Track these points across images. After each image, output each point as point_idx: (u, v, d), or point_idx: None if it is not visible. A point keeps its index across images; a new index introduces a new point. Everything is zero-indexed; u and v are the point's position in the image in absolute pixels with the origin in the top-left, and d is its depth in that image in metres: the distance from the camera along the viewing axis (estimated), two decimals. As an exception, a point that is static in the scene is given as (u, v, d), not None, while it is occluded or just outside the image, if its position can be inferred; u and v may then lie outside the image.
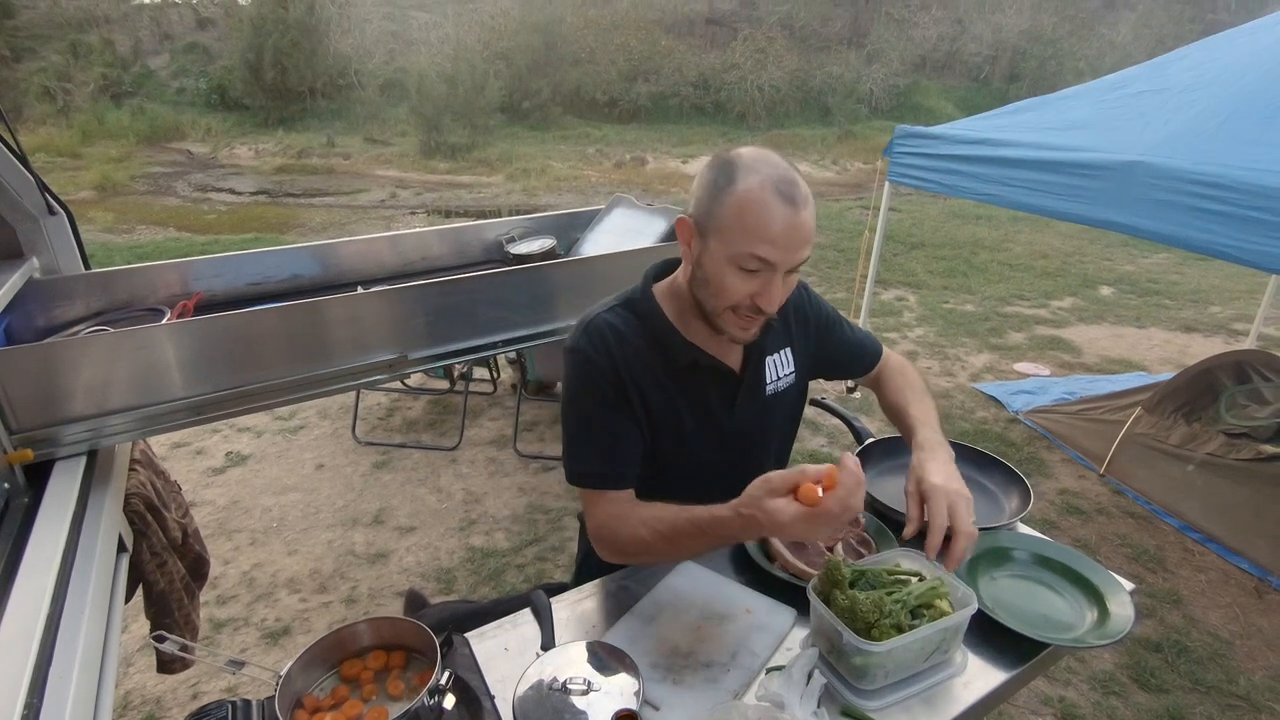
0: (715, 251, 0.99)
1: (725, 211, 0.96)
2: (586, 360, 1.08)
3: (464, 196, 10.81)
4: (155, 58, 16.61)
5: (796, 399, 1.28)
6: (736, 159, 0.98)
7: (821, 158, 13.81)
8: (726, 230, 0.96)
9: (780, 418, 1.25)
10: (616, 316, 1.11)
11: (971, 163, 3.25)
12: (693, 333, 1.11)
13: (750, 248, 0.95)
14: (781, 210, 0.93)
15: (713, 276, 1.00)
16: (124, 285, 1.82)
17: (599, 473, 1.09)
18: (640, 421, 1.10)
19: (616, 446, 1.09)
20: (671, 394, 1.11)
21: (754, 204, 0.94)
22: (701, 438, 1.16)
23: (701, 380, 1.13)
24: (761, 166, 0.96)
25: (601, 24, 17.44)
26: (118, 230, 8.41)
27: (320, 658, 0.90)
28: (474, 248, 2.36)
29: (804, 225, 0.95)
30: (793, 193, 0.94)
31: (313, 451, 3.50)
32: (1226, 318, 5.72)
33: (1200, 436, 3.03)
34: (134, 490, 1.52)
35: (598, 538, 1.09)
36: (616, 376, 1.07)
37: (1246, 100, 2.50)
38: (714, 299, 1.02)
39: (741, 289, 0.98)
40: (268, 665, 0.88)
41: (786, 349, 1.22)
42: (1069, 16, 18.44)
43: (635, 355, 1.09)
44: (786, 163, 0.99)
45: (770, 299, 0.98)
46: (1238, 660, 2.31)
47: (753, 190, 0.94)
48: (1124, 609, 1.01)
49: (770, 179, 0.94)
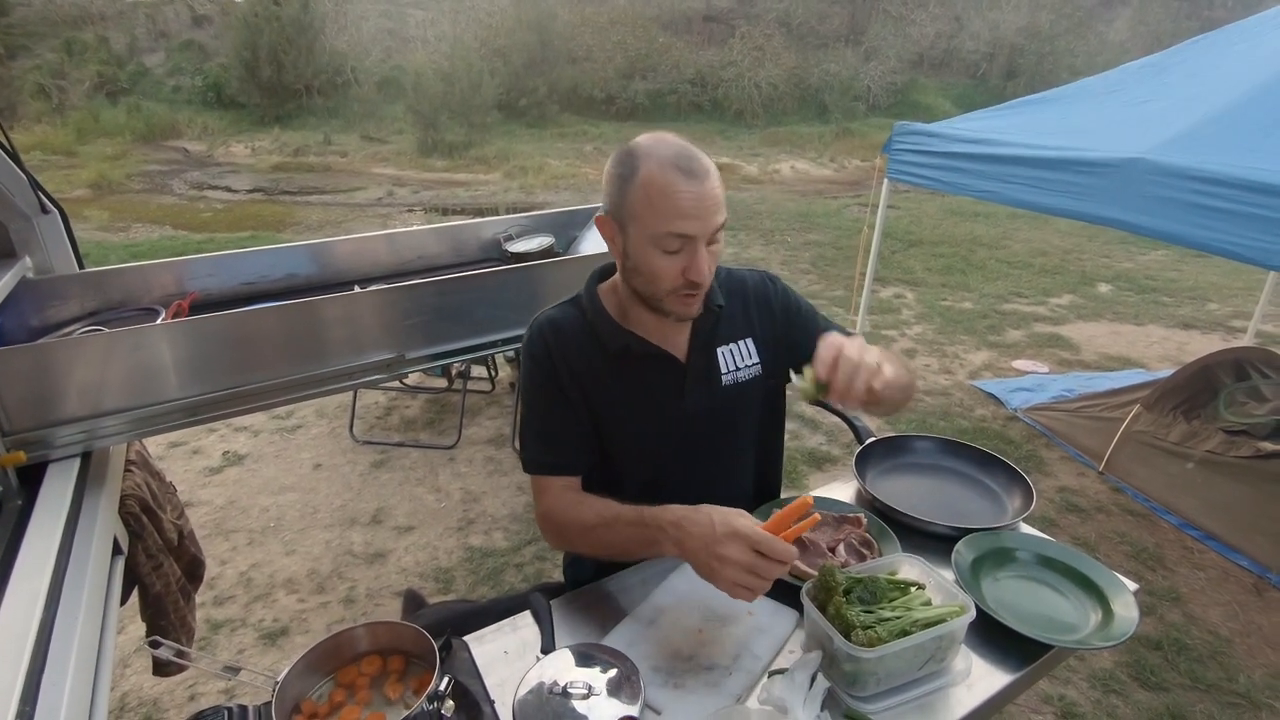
0: (636, 239, 1.02)
1: (634, 199, 1.00)
2: (528, 355, 1.16)
3: (461, 194, 10.79)
4: (151, 55, 16.54)
5: (767, 391, 1.25)
6: (635, 148, 1.02)
7: (819, 155, 13.80)
8: (640, 217, 1.00)
9: (747, 409, 1.23)
10: (559, 312, 1.18)
11: (971, 160, 3.24)
12: (633, 322, 1.14)
13: (666, 227, 0.98)
14: (685, 185, 0.97)
15: (641, 264, 1.04)
16: (118, 285, 1.80)
17: (544, 461, 1.14)
18: (580, 411, 1.14)
19: (559, 435, 1.14)
20: (611, 382, 1.14)
21: (658, 185, 0.97)
22: (650, 426, 1.16)
23: (641, 368, 1.14)
24: (658, 148, 1.00)
25: (598, 21, 17.39)
26: (113, 228, 8.38)
27: (317, 663, 0.88)
28: (471, 246, 2.34)
29: (710, 194, 0.99)
30: (691, 165, 0.98)
31: (310, 451, 3.49)
32: (1224, 315, 5.72)
33: (1199, 434, 3.02)
34: (129, 492, 1.51)
35: (543, 523, 1.14)
36: (553, 368, 1.13)
37: (1246, 110, 2.50)
38: (649, 285, 1.05)
39: (670, 268, 1.02)
40: (264, 668, 0.86)
41: (746, 339, 1.21)
42: (1066, 14, 18.43)
43: (572, 346, 1.13)
44: (683, 141, 1.02)
45: (699, 270, 1.01)
46: (1237, 658, 2.31)
47: (654, 172, 0.98)
48: (1128, 610, 1.00)
49: (668, 158, 0.98)
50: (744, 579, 0.86)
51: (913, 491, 1.31)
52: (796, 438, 3.60)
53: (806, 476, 3.28)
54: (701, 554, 0.89)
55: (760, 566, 0.86)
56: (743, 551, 0.86)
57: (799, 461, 3.39)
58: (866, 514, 1.18)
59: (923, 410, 3.93)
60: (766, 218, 8.98)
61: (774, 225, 8.58)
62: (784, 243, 7.80)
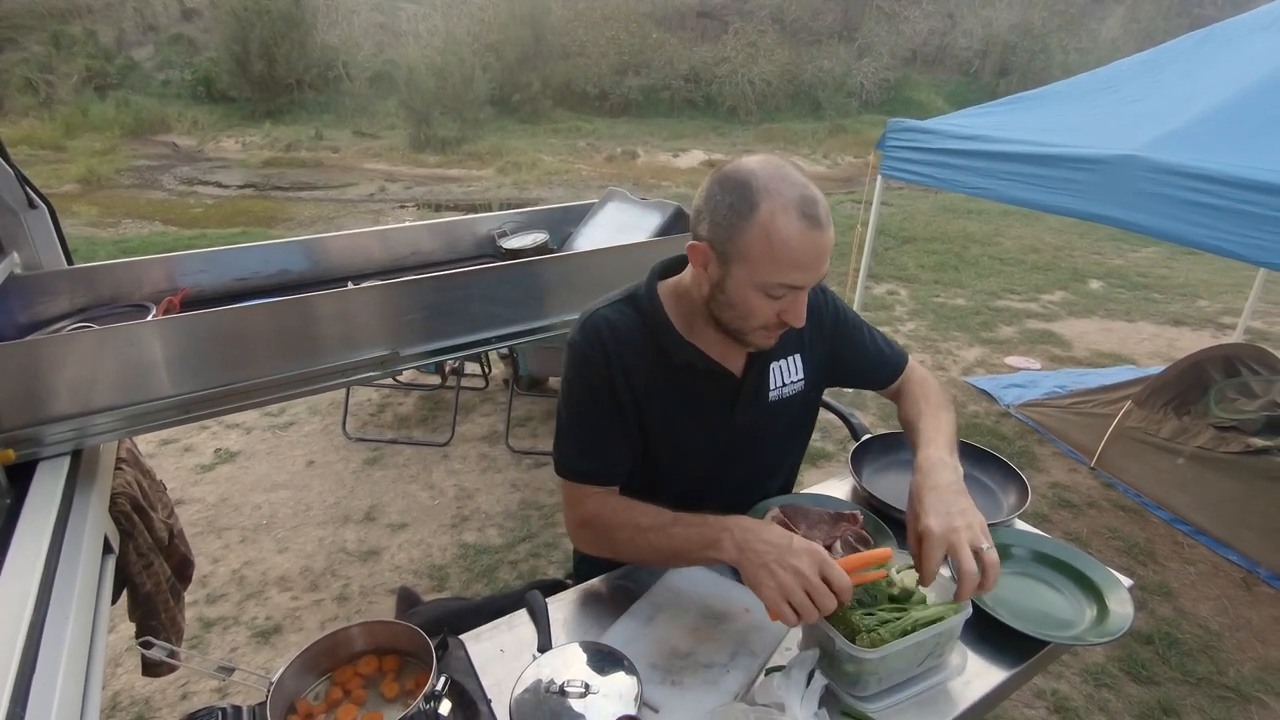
0: (740, 278, 0.95)
1: (750, 241, 0.92)
2: (582, 356, 1.08)
3: (454, 190, 10.74)
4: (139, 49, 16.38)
5: (805, 407, 1.25)
6: (752, 179, 0.92)
7: (813, 151, 13.81)
8: (753, 260, 0.93)
9: (785, 425, 1.23)
10: (617, 312, 1.10)
11: (964, 156, 3.24)
12: (696, 335, 1.09)
13: (780, 277, 0.93)
14: (810, 235, 0.91)
15: (738, 302, 0.98)
16: (108, 281, 1.78)
17: (583, 469, 1.11)
18: (630, 421, 1.10)
19: (603, 444, 1.10)
20: (666, 393, 1.10)
21: (781, 233, 0.90)
22: (698, 439, 1.14)
23: (699, 382, 1.11)
24: (781, 188, 0.91)
25: (591, 16, 17.33)
26: (102, 224, 8.30)
27: (313, 662, 0.88)
28: (465, 242, 2.33)
29: (829, 245, 0.94)
30: (817, 212, 0.91)
31: (303, 448, 3.47)
32: (1214, 311, 5.76)
33: (1190, 430, 3.04)
34: (120, 490, 1.50)
35: (581, 529, 1.11)
36: (609, 374, 1.07)
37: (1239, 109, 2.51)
38: (741, 321, 1.00)
39: (769, 310, 0.97)
40: (258, 668, 0.86)
41: (795, 355, 1.19)
42: (1058, 11, 18.49)
43: (631, 353, 1.07)
44: (802, 175, 0.95)
45: (799, 316, 0.98)
46: (1227, 652, 2.33)
47: (778, 217, 0.90)
48: (1123, 606, 1.01)
49: (793, 202, 0.90)
50: (800, 597, 0.84)
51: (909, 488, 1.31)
52: (790, 434, 3.60)
53: (802, 473, 3.26)
54: (769, 559, 0.86)
55: (820, 591, 0.84)
56: (813, 570, 0.84)
57: (793, 458, 3.39)
58: (863, 511, 1.18)
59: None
60: (760, 214, 8.98)
61: (768, 222, 8.58)
62: (778, 239, 7.80)
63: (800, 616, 0.84)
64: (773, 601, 0.85)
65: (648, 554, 1.04)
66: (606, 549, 1.09)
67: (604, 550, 1.10)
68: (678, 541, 0.98)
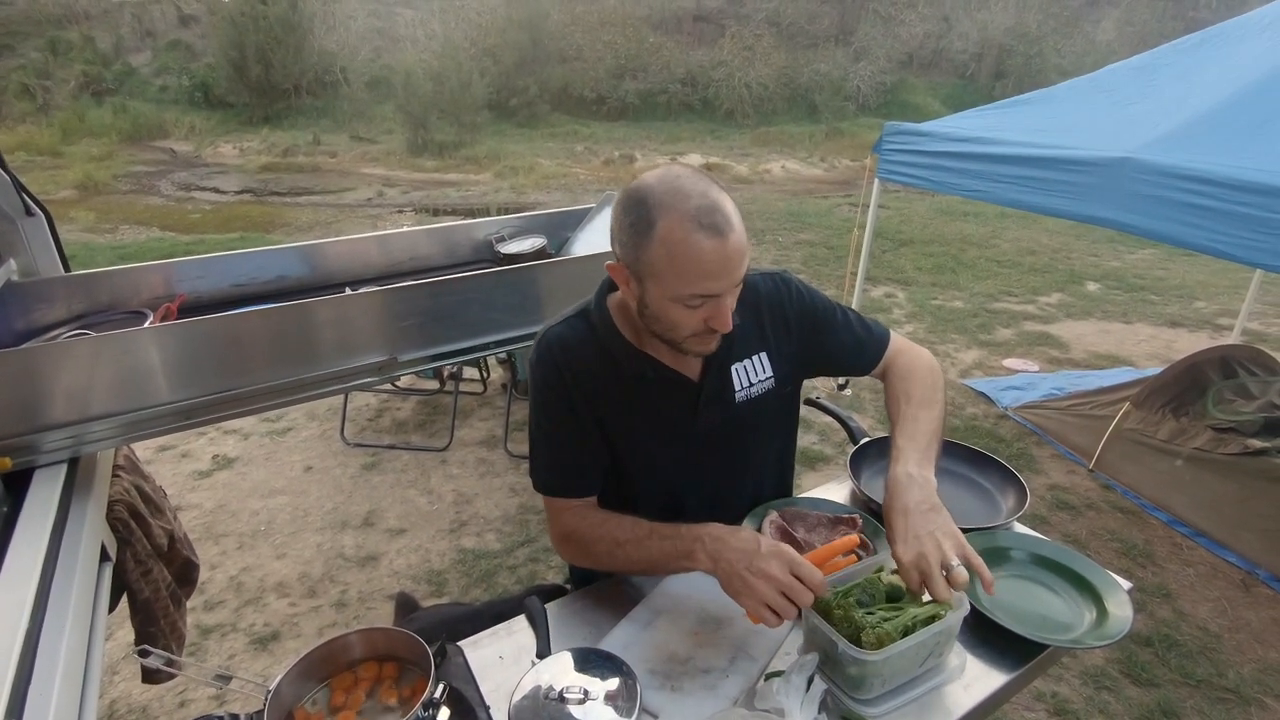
0: (655, 294, 0.95)
1: (653, 258, 0.91)
2: (539, 376, 1.10)
3: (451, 195, 10.75)
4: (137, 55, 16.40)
5: (782, 403, 1.23)
6: (649, 196, 0.91)
7: (809, 154, 13.84)
8: (661, 276, 0.92)
9: (761, 424, 1.21)
10: (569, 328, 1.11)
11: (960, 159, 3.25)
12: (648, 344, 1.09)
13: (689, 289, 0.92)
14: (710, 244, 0.89)
15: (661, 315, 0.98)
16: (105, 287, 1.77)
17: (556, 485, 1.13)
18: (593, 434, 1.10)
19: (571, 459, 1.12)
20: (624, 405, 1.10)
21: (681, 247, 0.89)
22: (664, 448, 1.14)
23: (656, 390, 1.10)
24: (676, 201, 0.90)
25: (589, 21, 17.38)
26: (100, 230, 8.30)
27: (311, 670, 0.88)
28: (463, 247, 2.33)
29: (735, 249, 0.91)
30: (715, 221, 0.89)
31: (301, 453, 3.47)
32: (1211, 313, 5.78)
33: (1188, 431, 3.05)
34: (117, 497, 1.49)
35: (563, 544, 1.13)
36: (565, 390, 1.08)
37: (1233, 111, 2.52)
38: (671, 332, 1.00)
39: (693, 320, 0.96)
40: (255, 675, 0.85)
41: (761, 354, 1.17)
42: (1053, 14, 18.57)
43: (585, 367, 1.08)
44: (701, 182, 0.93)
45: (724, 321, 0.96)
46: (1226, 653, 2.33)
47: (675, 231, 0.89)
48: (1122, 609, 1.01)
49: (689, 214, 0.89)
50: (776, 599, 0.86)
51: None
52: (789, 437, 3.60)
53: (800, 476, 3.28)
54: (739, 566, 0.89)
55: (795, 589, 0.86)
56: (782, 570, 0.87)
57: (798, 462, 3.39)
58: (861, 514, 1.18)
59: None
60: (758, 217, 8.99)
61: (765, 225, 8.59)
62: (775, 242, 7.82)
63: (781, 617, 0.86)
64: (751, 608, 0.88)
65: (627, 567, 1.06)
66: (588, 562, 1.10)
67: (587, 562, 1.11)
68: (653, 554, 1.00)
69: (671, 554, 0.98)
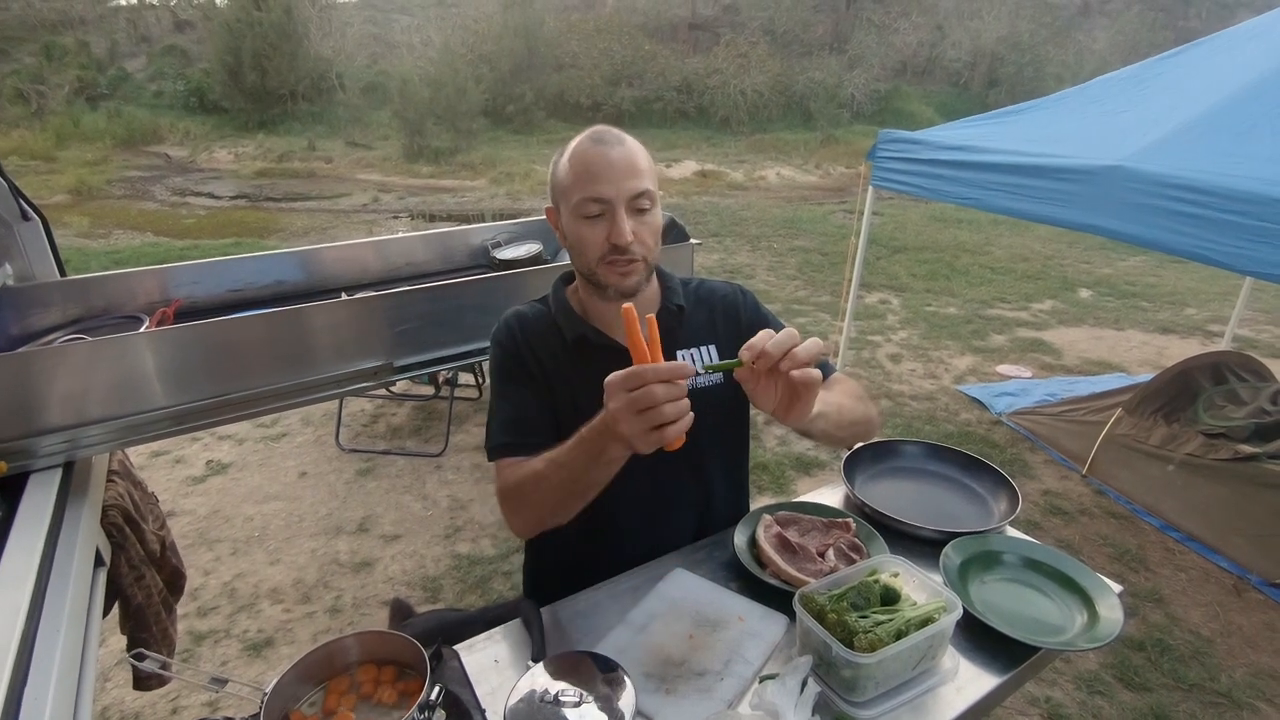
0: (566, 215, 1.09)
1: (560, 175, 1.09)
2: (496, 345, 1.19)
3: (447, 200, 10.77)
4: (132, 60, 16.40)
5: (732, 406, 1.23)
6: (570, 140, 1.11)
7: (804, 162, 13.91)
8: (566, 190, 1.08)
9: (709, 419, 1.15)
10: (528, 307, 1.23)
11: (954, 167, 3.28)
12: (594, 317, 1.18)
13: (582, 193, 1.05)
14: (595, 150, 1.05)
15: (573, 239, 1.10)
16: (101, 292, 1.78)
17: (505, 442, 1.13)
18: (544, 396, 1.16)
19: (522, 416, 1.15)
20: (569, 373, 1.15)
21: (575, 157, 1.07)
22: None
23: (599, 361, 1.08)
24: (584, 133, 1.09)
25: (584, 28, 17.47)
26: (94, 235, 8.28)
27: (307, 673, 0.88)
28: (459, 253, 2.34)
29: (620, 158, 1.05)
30: (604, 135, 1.07)
31: (295, 459, 3.46)
32: (1202, 319, 5.82)
33: (1179, 437, 3.07)
34: (112, 502, 1.49)
35: (504, 501, 1.11)
36: (518, 353, 1.16)
37: (1222, 117, 2.55)
38: (581, 258, 1.11)
39: (595, 235, 1.06)
40: (251, 680, 0.86)
41: (709, 346, 1.21)
42: (1045, 24, 18.76)
43: (537, 336, 1.17)
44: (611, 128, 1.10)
45: (620, 232, 1.04)
46: (1219, 658, 2.34)
47: (575, 149, 1.08)
48: (1113, 612, 1.01)
49: (586, 136, 1.08)
50: (638, 423, 0.83)
51: (900, 496, 1.32)
52: (784, 443, 3.61)
53: (795, 482, 3.29)
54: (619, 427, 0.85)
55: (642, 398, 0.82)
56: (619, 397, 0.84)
57: (787, 467, 3.40)
58: (855, 519, 1.19)
59: (909, 415, 3.96)
60: (753, 224, 9.03)
61: (760, 232, 8.63)
62: (770, 249, 7.85)
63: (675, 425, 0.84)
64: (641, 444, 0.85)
65: (561, 496, 1.02)
66: (530, 513, 1.08)
67: (530, 518, 1.09)
68: (576, 465, 0.97)
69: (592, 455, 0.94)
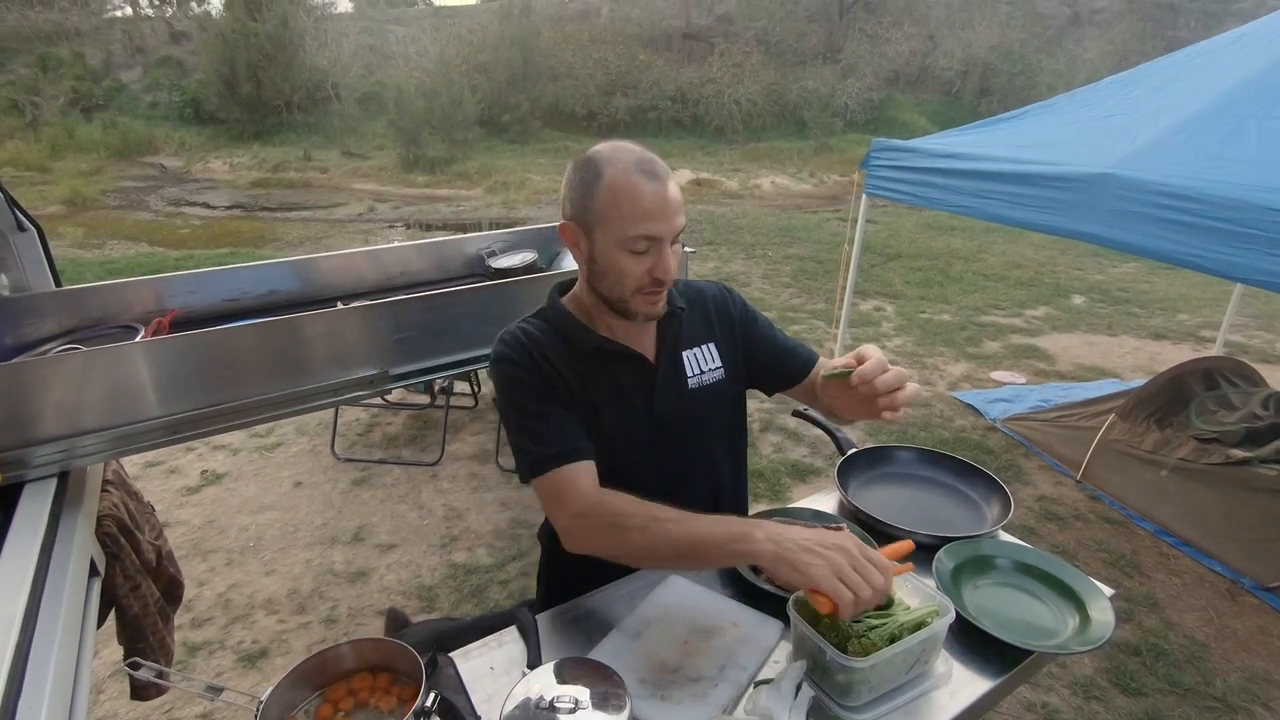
0: (603, 242, 1.04)
1: (601, 204, 1.03)
2: (508, 362, 1.11)
3: (443, 210, 10.79)
4: (127, 71, 16.41)
5: (731, 399, 1.26)
6: (596, 155, 1.05)
7: (799, 170, 13.98)
8: (607, 220, 1.03)
9: (713, 414, 1.23)
10: (528, 324, 1.17)
11: (947, 175, 3.30)
12: (601, 327, 1.15)
13: (634, 230, 1.01)
14: (649, 187, 1.01)
15: (609, 266, 1.05)
16: (96, 302, 1.78)
17: (553, 453, 1.05)
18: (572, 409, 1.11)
19: (562, 425, 1.08)
20: (587, 382, 1.13)
21: (624, 188, 1.01)
22: (623, 428, 1.15)
23: (614, 367, 1.14)
24: (620, 155, 1.04)
25: (579, 38, 17.56)
26: (88, 245, 8.26)
27: (302, 681, 0.88)
28: (455, 262, 2.34)
29: (672, 195, 1.03)
30: (654, 169, 1.03)
31: (290, 469, 3.45)
32: (1194, 325, 5.86)
33: (1172, 442, 3.09)
34: (106, 512, 1.49)
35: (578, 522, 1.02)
36: (537, 367, 1.10)
37: (1209, 120, 2.58)
38: (616, 286, 1.07)
39: (637, 269, 1.04)
40: (245, 690, 0.86)
41: (710, 344, 1.23)
42: (1036, 33, 18.92)
43: (551, 350, 1.13)
44: (640, 147, 1.07)
45: (665, 268, 1.04)
46: (1214, 662, 2.35)
47: (619, 177, 1.01)
48: (1105, 615, 1.02)
49: (631, 164, 1.02)
50: (851, 575, 0.82)
51: (894, 501, 1.33)
52: (780, 450, 3.62)
53: (790, 488, 3.30)
54: (810, 543, 0.86)
55: (867, 568, 0.83)
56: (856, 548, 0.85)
57: (782, 473, 3.41)
58: (849, 524, 1.20)
59: (903, 421, 3.97)
60: (748, 232, 9.07)
61: (755, 240, 8.66)
62: (765, 257, 7.88)
63: (856, 596, 0.81)
64: (827, 581, 0.82)
65: (661, 548, 0.96)
66: (609, 540, 1.01)
67: (603, 543, 1.02)
68: (702, 534, 0.93)
69: (724, 536, 0.92)
